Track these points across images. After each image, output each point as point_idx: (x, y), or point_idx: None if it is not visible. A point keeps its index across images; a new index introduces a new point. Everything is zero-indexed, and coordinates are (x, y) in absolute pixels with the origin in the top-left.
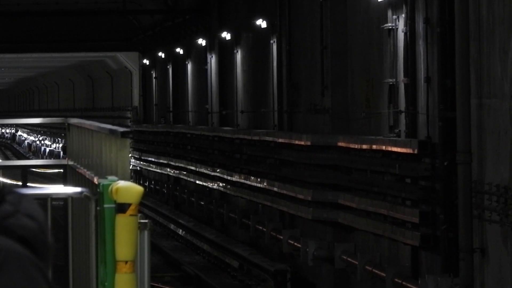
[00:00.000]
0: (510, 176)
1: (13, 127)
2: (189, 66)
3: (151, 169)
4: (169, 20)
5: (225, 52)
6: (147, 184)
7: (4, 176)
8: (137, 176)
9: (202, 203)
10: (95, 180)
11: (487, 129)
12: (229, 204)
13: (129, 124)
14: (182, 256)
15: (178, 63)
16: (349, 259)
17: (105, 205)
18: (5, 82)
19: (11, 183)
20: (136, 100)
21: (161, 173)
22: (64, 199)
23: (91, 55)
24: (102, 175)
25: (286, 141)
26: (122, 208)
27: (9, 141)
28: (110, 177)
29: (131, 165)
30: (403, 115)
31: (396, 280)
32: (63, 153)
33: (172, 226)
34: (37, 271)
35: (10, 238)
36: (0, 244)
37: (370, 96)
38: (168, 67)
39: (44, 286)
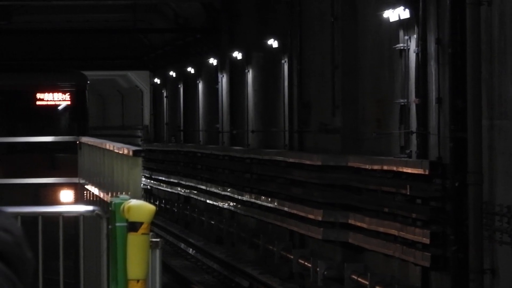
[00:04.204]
0: None
1: None
2: (200, 85)
3: (161, 188)
4: (180, 39)
5: (236, 72)
6: (157, 203)
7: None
8: (147, 195)
9: (212, 222)
10: (107, 199)
11: (498, 150)
12: (239, 224)
13: (140, 143)
14: (192, 275)
15: (189, 82)
16: (359, 279)
17: (117, 224)
18: None
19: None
20: (146, 119)
21: (171, 192)
22: (75, 218)
23: (101, 74)
24: (113, 194)
25: (297, 160)
26: (134, 226)
27: None
28: (121, 196)
29: (142, 184)
30: (414, 135)
31: None
32: None
33: (182, 245)
34: (8, 283)
35: None
36: None
37: (381, 116)
38: (179, 86)
39: None
